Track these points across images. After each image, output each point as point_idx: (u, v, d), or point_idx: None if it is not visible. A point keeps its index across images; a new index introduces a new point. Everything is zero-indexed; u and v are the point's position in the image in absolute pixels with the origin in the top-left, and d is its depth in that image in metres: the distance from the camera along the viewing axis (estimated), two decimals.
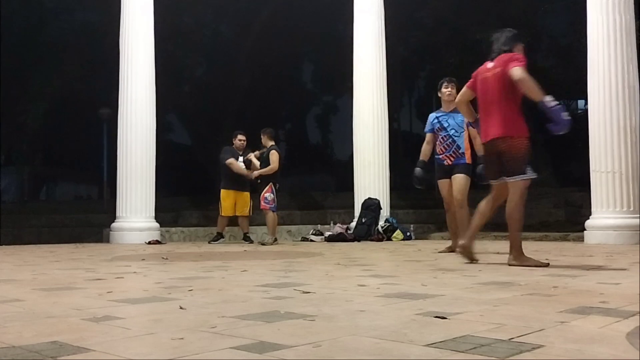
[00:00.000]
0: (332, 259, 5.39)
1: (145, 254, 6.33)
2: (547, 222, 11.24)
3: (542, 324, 1.90)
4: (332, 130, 27.46)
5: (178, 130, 22.68)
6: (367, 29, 10.24)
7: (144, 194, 9.61)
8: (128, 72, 9.73)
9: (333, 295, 2.74)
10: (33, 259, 5.67)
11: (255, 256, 5.99)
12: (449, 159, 6.07)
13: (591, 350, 1.56)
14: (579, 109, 19.16)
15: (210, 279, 3.60)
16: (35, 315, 2.24)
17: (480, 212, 4.49)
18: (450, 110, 6.02)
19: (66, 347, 1.64)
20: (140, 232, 9.38)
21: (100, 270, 4.32)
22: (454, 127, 6.01)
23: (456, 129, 6.01)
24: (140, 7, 9.81)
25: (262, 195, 8.46)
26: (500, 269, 4.15)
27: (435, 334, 1.75)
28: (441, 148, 6.10)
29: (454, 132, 6.01)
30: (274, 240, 8.49)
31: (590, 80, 7.87)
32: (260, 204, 8.49)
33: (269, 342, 1.66)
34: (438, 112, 6.19)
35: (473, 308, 2.27)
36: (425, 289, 2.90)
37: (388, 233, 9.40)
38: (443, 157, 6.11)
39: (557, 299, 2.57)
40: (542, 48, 18.19)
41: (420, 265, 4.54)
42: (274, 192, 8.49)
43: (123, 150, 9.69)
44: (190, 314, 2.23)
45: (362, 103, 10.17)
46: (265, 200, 8.45)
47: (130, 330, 1.92)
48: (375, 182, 9.98)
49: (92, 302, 2.59)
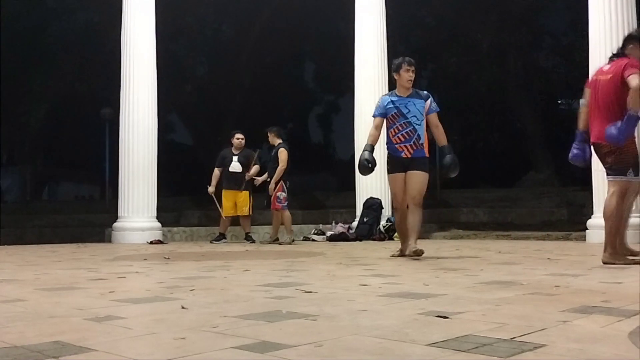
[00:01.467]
0: (334, 258, 5.39)
1: (147, 254, 6.34)
2: (549, 221, 11.24)
3: (544, 324, 1.90)
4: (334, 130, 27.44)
5: (180, 130, 22.70)
6: (368, 28, 10.24)
7: (146, 194, 9.62)
8: (130, 72, 9.74)
9: (335, 295, 2.74)
10: (35, 259, 5.68)
11: (257, 256, 6.00)
12: (407, 151, 5.24)
13: (593, 350, 1.56)
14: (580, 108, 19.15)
15: (212, 279, 3.60)
16: (38, 315, 2.24)
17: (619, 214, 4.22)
18: (407, 96, 5.31)
19: (68, 347, 1.64)
20: (142, 232, 9.39)
21: (103, 270, 4.32)
22: (415, 114, 5.25)
23: (417, 116, 5.26)
24: (141, 7, 9.81)
25: (274, 195, 8.41)
26: (502, 268, 4.14)
27: (437, 334, 1.75)
28: (399, 137, 5.26)
29: (415, 120, 5.24)
30: (291, 239, 8.47)
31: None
32: (272, 204, 8.47)
33: (271, 342, 1.66)
34: (392, 96, 5.39)
35: (475, 307, 2.27)
36: (427, 289, 2.90)
37: (390, 232, 9.39)
38: (400, 147, 5.26)
39: (559, 298, 2.57)
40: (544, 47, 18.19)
41: (421, 265, 4.54)
42: (285, 190, 8.47)
43: (125, 150, 9.70)
44: (192, 313, 2.23)
45: (363, 102, 10.16)
46: (278, 200, 8.43)
47: (132, 330, 1.92)
48: (377, 181, 9.95)
49: (94, 302, 2.59)
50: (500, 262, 4.71)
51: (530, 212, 11.92)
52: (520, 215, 11.86)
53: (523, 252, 5.87)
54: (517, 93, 16.66)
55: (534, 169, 16.40)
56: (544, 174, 15.77)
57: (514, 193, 13.84)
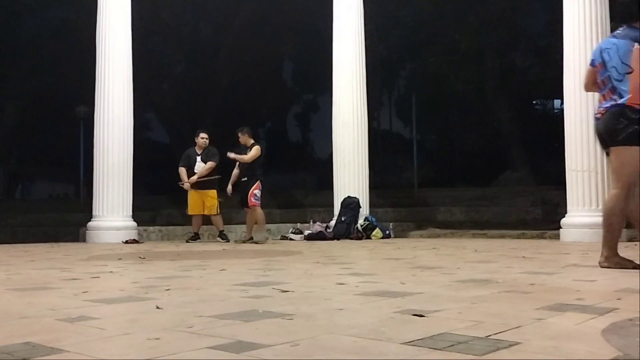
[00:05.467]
0: (312, 257, 5.39)
1: (122, 253, 6.26)
2: (525, 220, 11.37)
3: (519, 321, 1.91)
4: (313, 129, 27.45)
5: (156, 129, 22.49)
6: (346, 26, 10.23)
7: (121, 193, 9.51)
8: (105, 69, 9.61)
9: (312, 294, 2.73)
10: (7, 259, 5.58)
11: (234, 255, 5.96)
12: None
13: (567, 347, 1.57)
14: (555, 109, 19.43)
15: (188, 278, 3.57)
16: (9, 316, 2.20)
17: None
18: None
19: (39, 348, 1.61)
20: (118, 231, 9.28)
21: (76, 270, 4.26)
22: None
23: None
24: (117, 3, 9.69)
25: (251, 192, 8.40)
26: (478, 266, 4.18)
27: (413, 332, 1.75)
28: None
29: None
30: (266, 237, 8.46)
31: (566, 79, 7.97)
32: (249, 201, 8.44)
33: (247, 342, 1.65)
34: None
35: (451, 306, 2.28)
36: (404, 287, 2.91)
37: (367, 231, 9.42)
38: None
39: (534, 296, 2.59)
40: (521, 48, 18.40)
41: (399, 264, 4.55)
42: (261, 188, 8.48)
43: (100, 148, 9.58)
44: (167, 313, 2.20)
45: (341, 101, 10.17)
46: (255, 197, 8.42)
47: (105, 330, 1.90)
48: (355, 180, 10.00)
49: (67, 302, 2.55)
50: (476, 260, 4.75)
51: (506, 211, 12.05)
52: (496, 214, 11.98)
53: (499, 251, 5.93)
54: (494, 93, 16.83)
55: (510, 168, 16.58)
56: (519, 173, 15.95)
57: (491, 192, 13.97)
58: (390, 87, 24.18)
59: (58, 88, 18.51)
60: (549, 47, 15.29)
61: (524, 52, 18.54)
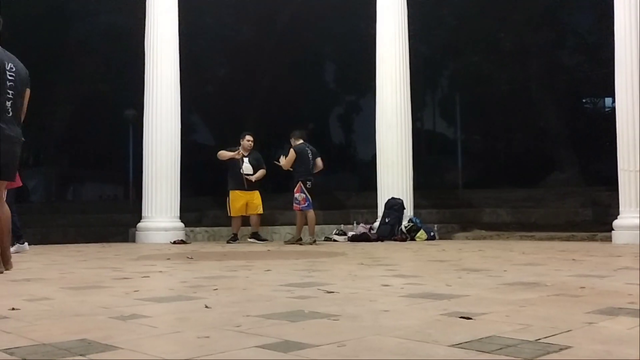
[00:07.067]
0: (356, 258, 5.38)
1: (170, 254, 6.39)
2: (574, 221, 11.09)
3: (569, 325, 1.87)
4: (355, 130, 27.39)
5: (201, 131, 22.84)
6: (390, 27, 10.19)
7: (169, 194, 9.71)
8: (153, 73, 9.84)
9: (357, 295, 2.73)
10: (61, 258, 5.76)
11: (279, 256, 6.01)
12: None
13: (619, 352, 1.53)
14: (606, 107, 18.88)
15: (234, 278, 3.62)
16: (64, 314, 2.27)
17: None
18: None
19: (94, 345, 1.66)
20: (166, 231, 9.48)
21: (127, 269, 4.37)
22: None
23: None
24: (165, 9, 9.91)
25: (294, 197, 8.47)
26: (526, 269, 4.10)
27: (460, 335, 1.73)
28: None
29: None
30: (313, 240, 8.46)
31: (617, 77, 7.75)
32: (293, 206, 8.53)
33: (294, 341, 1.67)
34: None
35: (498, 308, 2.25)
36: (450, 289, 2.88)
37: (411, 233, 9.35)
38: None
39: (584, 299, 2.53)
40: (568, 45, 17.95)
41: (444, 265, 4.51)
42: (303, 190, 8.47)
43: (148, 151, 9.80)
44: (215, 312, 2.24)
45: (385, 102, 10.13)
46: (296, 201, 8.45)
47: (156, 328, 1.94)
48: (399, 181, 9.93)
49: (119, 301, 2.62)
50: (524, 263, 4.66)
51: (554, 213, 11.78)
52: (544, 216, 11.72)
53: (547, 253, 5.80)
54: (540, 92, 16.47)
55: (557, 168, 16.20)
56: (568, 173, 15.56)
57: (538, 193, 13.67)
58: (434, 87, 23.95)
59: (107, 92, 19.01)
60: (598, 44, 14.89)
61: (571, 50, 18.07)
